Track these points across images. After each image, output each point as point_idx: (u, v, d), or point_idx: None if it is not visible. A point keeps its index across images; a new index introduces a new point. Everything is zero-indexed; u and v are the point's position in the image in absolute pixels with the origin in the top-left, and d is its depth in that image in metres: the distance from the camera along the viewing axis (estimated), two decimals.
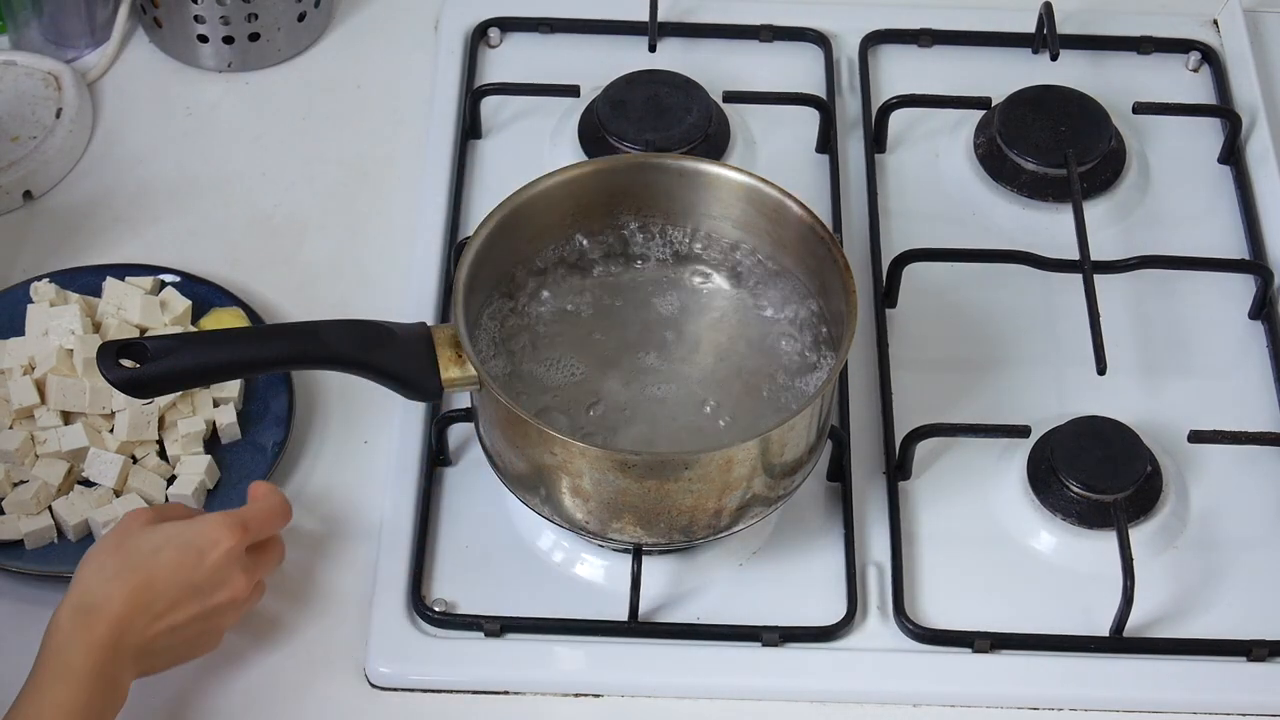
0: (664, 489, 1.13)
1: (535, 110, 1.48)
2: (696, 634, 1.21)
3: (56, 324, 1.29)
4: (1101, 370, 1.29)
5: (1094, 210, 1.41)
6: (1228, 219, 1.44)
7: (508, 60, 1.53)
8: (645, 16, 1.52)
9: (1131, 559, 1.20)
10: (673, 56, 1.52)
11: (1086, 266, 1.34)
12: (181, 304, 1.32)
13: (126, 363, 1.12)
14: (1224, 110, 1.48)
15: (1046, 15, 1.51)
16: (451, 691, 1.19)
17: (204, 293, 1.34)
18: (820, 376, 1.21)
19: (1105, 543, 1.23)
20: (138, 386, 1.12)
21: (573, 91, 1.46)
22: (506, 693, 1.19)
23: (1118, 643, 1.20)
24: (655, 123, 1.41)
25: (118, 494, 1.25)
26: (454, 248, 1.37)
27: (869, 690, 1.19)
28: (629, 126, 1.41)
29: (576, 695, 1.19)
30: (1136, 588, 1.19)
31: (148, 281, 1.34)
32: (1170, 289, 1.38)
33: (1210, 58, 1.54)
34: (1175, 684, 1.19)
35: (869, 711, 1.19)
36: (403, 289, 1.36)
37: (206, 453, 1.27)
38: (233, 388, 1.29)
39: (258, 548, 1.16)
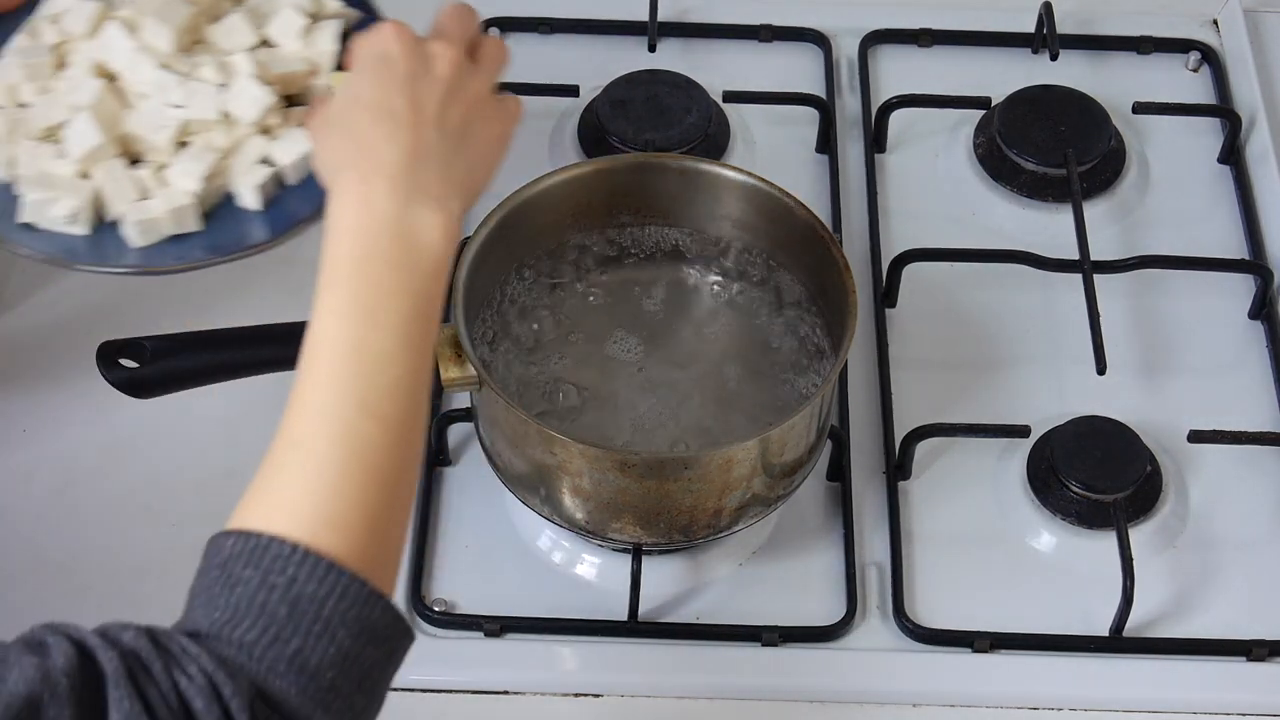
0: (664, 489, 1.13)
1: (534, 110, 1.47)
2: (696, 634, 1.21)
3: None
4: (1101, 370, 1.29)
5: (1094, 210, 1.41)
6: (1228, 219, 1.44)
7: None
8: (645, 16, 1.52)
9: (1131, 559, 1.20)
10: (672, 56, 1.52)
11: (1086, 266, 1.34)
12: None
13: (126, 362, 1.12)
14: (1224, 110, 1.48)
15: (1046, 15, 1.51)
16: (451, 691, 1.19)
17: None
18: (820, 376, 1.21)
19: (1105, 543, 1.23)
20: (137, 386, 1.12)
21: (572, 91, 1.46)
22: (506, 693, 1.19)
23: (1117, 643, 1.20)
24: (655, 123, 1.41)
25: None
26: None
27: (869, 690, 1.19)
28: (629, 126, 1.41)
29: (576, 695, 1.19)
30: (1136, 588, 1.19)
31: None
32: (1170, 289, 1.38)
33: (1210, 58, 1.54)
34: (1175, 684, 1.19)
35: (869, 711, 1.19)
36: None
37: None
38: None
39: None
